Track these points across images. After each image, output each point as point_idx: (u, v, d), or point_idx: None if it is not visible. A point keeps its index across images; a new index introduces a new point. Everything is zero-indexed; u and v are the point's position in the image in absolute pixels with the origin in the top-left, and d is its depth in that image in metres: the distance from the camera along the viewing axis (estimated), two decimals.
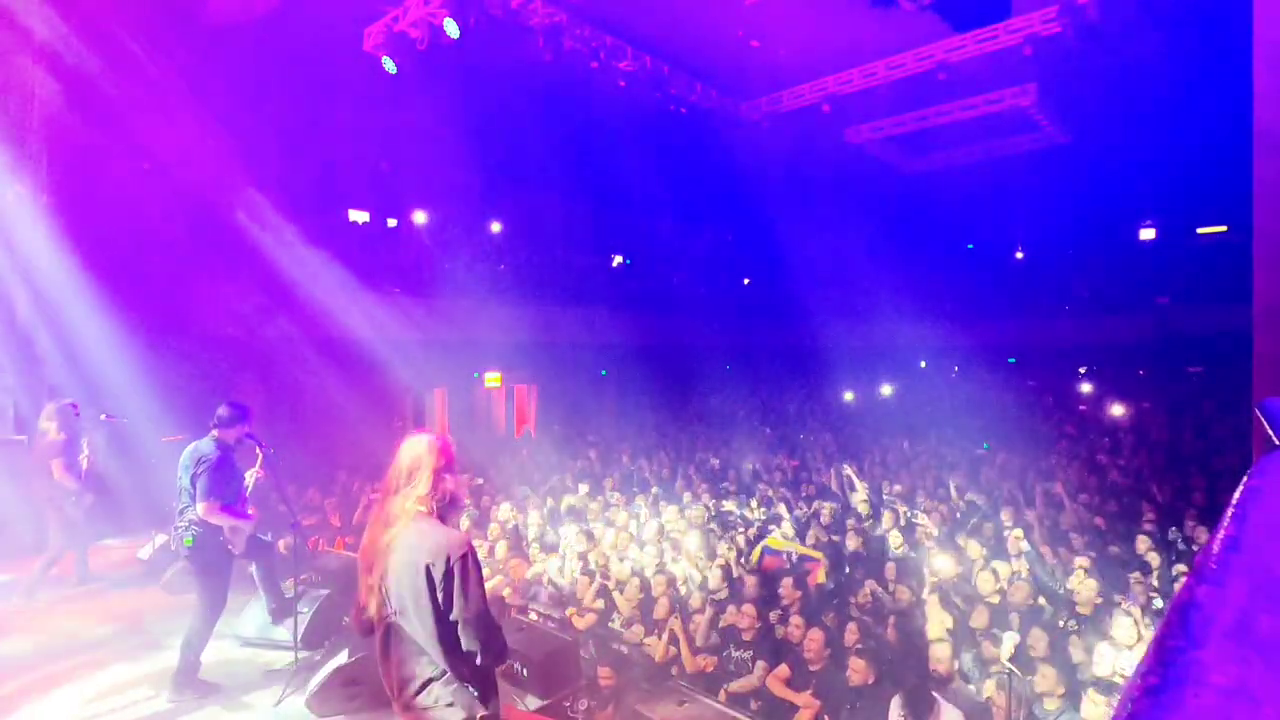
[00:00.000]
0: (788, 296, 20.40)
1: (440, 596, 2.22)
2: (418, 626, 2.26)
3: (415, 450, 2.41)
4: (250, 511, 4.73)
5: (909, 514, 7.47)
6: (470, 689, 2.32)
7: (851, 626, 4.61)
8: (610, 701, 4.09)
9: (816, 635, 4.38)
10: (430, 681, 2.29)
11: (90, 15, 8.14)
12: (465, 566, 2.24)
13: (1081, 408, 13.82)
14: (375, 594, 2.32)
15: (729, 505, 8.27)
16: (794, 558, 5.90)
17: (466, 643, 2.27)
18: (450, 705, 2.29)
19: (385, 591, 2.31)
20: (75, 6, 7.98)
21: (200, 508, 4.34)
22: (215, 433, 4.52)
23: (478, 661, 2.31)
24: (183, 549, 4.50)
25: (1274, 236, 3.02)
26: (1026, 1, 9.74)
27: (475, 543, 2.62)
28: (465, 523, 7.27)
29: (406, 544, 2.28)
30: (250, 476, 4.91)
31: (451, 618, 2.25)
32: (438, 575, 2.22)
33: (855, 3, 9.82)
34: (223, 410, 4.60)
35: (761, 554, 6.24)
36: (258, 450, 4.97)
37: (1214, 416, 10.74)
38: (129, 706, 4.44)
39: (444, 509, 2.37)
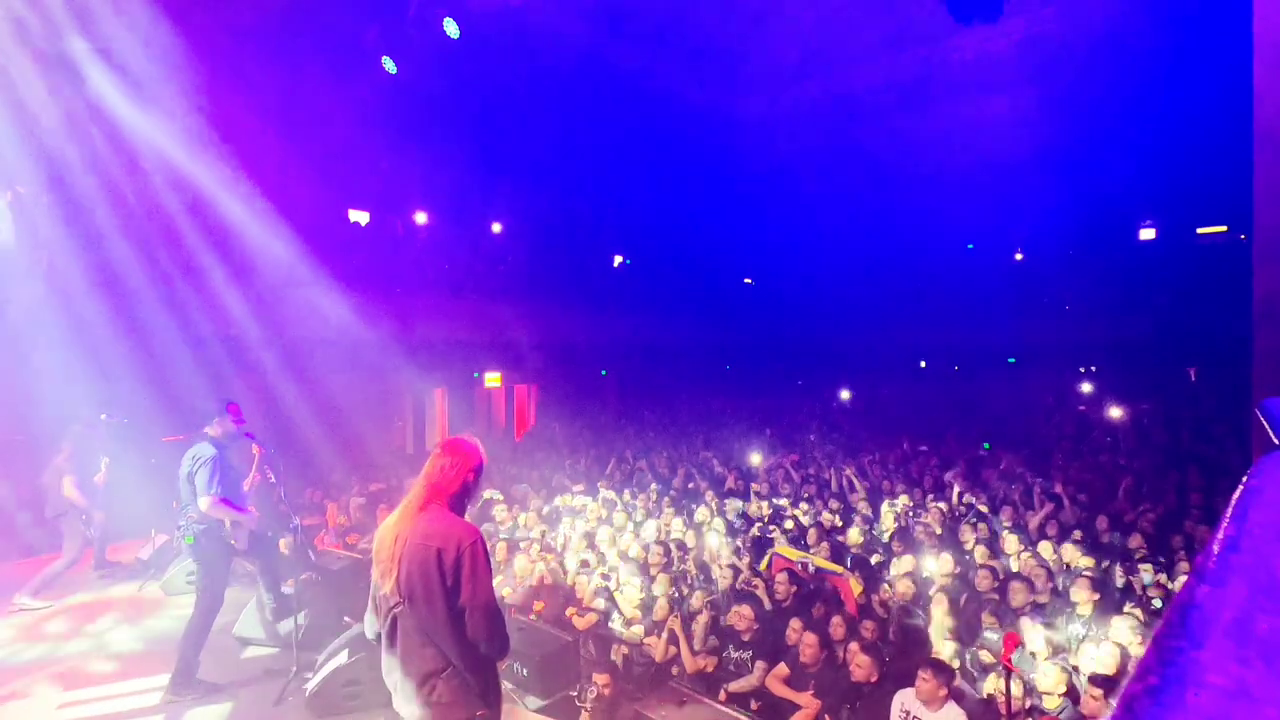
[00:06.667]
0: (788, 296, 20.41)
1: (449, 582, 2.29)
2: (425, 612, 2.31)
3: (460, 454, 2.50)
4: (250, 509, 4.75)
5: (908, 514, 7.47)
6: (473, 685, 2.34)
7: (865, 624, 4.60)
8: (608, 710, 4.06)
9: (811, 639, 4.37)
10: (433, 676, 2.31)
11: (87, 14, 8.14)
12: (475, 554, 2.32)
13: (1081, 408, 13.82)
14: (390, 577, 2.37)
15: (731, 505, 8.26)
16: (810, 567, 5.81)
17: (472, 630, 2.31)
18: (452, 703, 2.30)
19: (398, 577, 2.35)
20: (72, 5, 7.97)
21: (202, 502, 4.37)
22: (208, 430, 4.58)
23: (481, 650, 2.35)
24: (184, 547, 4.52)
25: (1274, 236, 3.01)
26: (1026, 2, 9.74)
27: None
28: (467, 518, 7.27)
29: (421, 530, 2.36)
30: (250, 477, 4.94)
31: (459, 604, 2.31)
32: (448, 561, 2.29)
33: (855, 2, 9.83)
34: (211, 406, 4.66)
35: (770, 560, 6.19)
36: (255, 449, 5.00)
37: (1214, 416, 10.73)
38: (129, 706, 4.44)
39: (460, 506, 2.49)
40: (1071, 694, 3.76)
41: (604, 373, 17.14)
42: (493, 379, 15.58)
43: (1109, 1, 9.54)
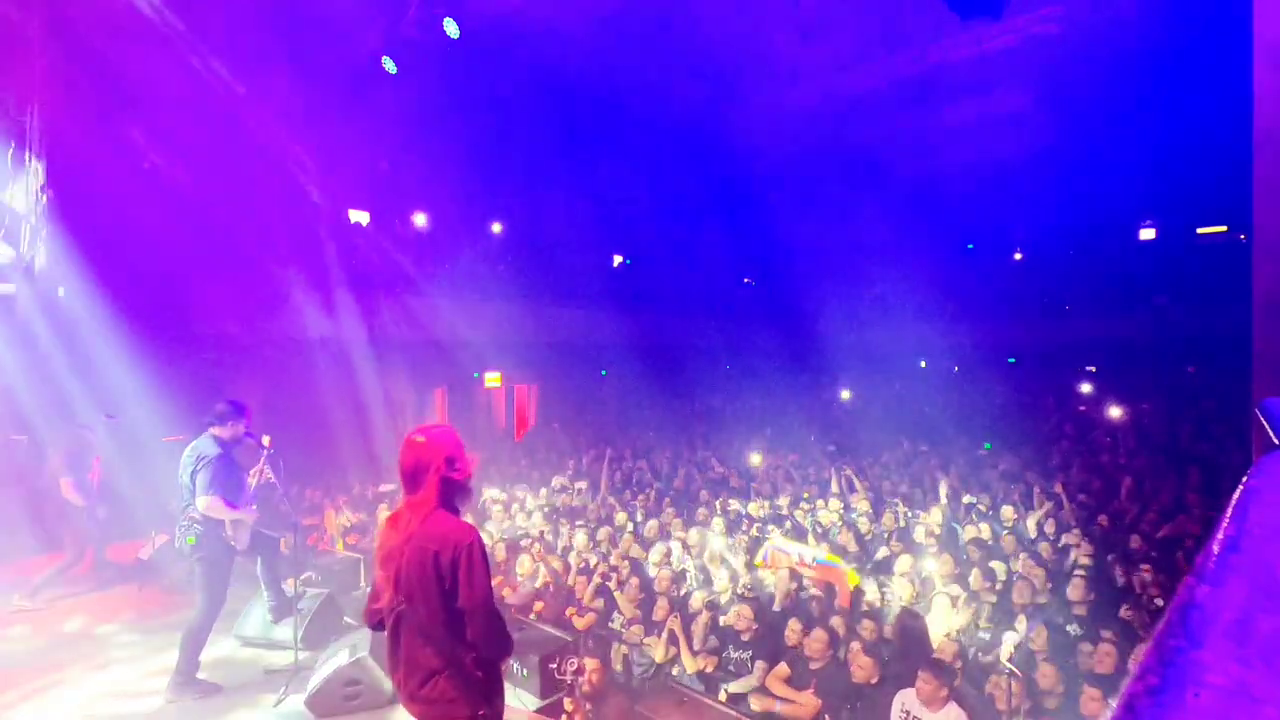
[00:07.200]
0: (788, 296, 20.39)
1: (447, 584, 2.28)
2: (424, 615, 2.30)
3: (416, 453, 2.41)
4: (253, 508, 4.75)
5: (908, 514, 7.47)
6: (474, 683, 2.34)
7: (864, 625, 4.60)
8: (596, 699, 4.05)
9: (820, 635, 4.37)
10: (435, 674, 2.31)
11: (91, 16, 8.14)
12: (471, 556, 2.30)
13: (1081, 408, 13.82)
14: (390, 584, 2.37)
15: (732, 505, 8.26)
16: (806, 558, 5.80)
17: (471, 632, 2.31)
18: (453, 700, 2.30)
19: (397, 579, 2.35)
20: (77, 7, 7.98)
21: (201, 502, 4.36)
22: (212, 430, 4.55)
23: (481, 653, 2.34)
24: (185, 547, 4.52)
25: (1274, 236, 3.01)
26: (1026, 1, 9.73)
27: None
28: (469, 518, 7.28)
29: (418, 532, 2.35)
30: (253, 476, 4.93)
31: (457, 605, 2.29)
32: (445, 563, 2.28)
33: (855, 1, 9.83)
34: (219, 407, 4.63)
35: (766, 553, 6.18)
36: (261, 448, 4.98)
37: (1214, 416, 10.72)
38: (129, 707, 4.44)
39: (454, 502, 2.43)
40: (1071, 694, 3.75)
41: (604, 373, 17.13)
42: (493, 379, 15.57)
43: (1110, 1, 9.53)
